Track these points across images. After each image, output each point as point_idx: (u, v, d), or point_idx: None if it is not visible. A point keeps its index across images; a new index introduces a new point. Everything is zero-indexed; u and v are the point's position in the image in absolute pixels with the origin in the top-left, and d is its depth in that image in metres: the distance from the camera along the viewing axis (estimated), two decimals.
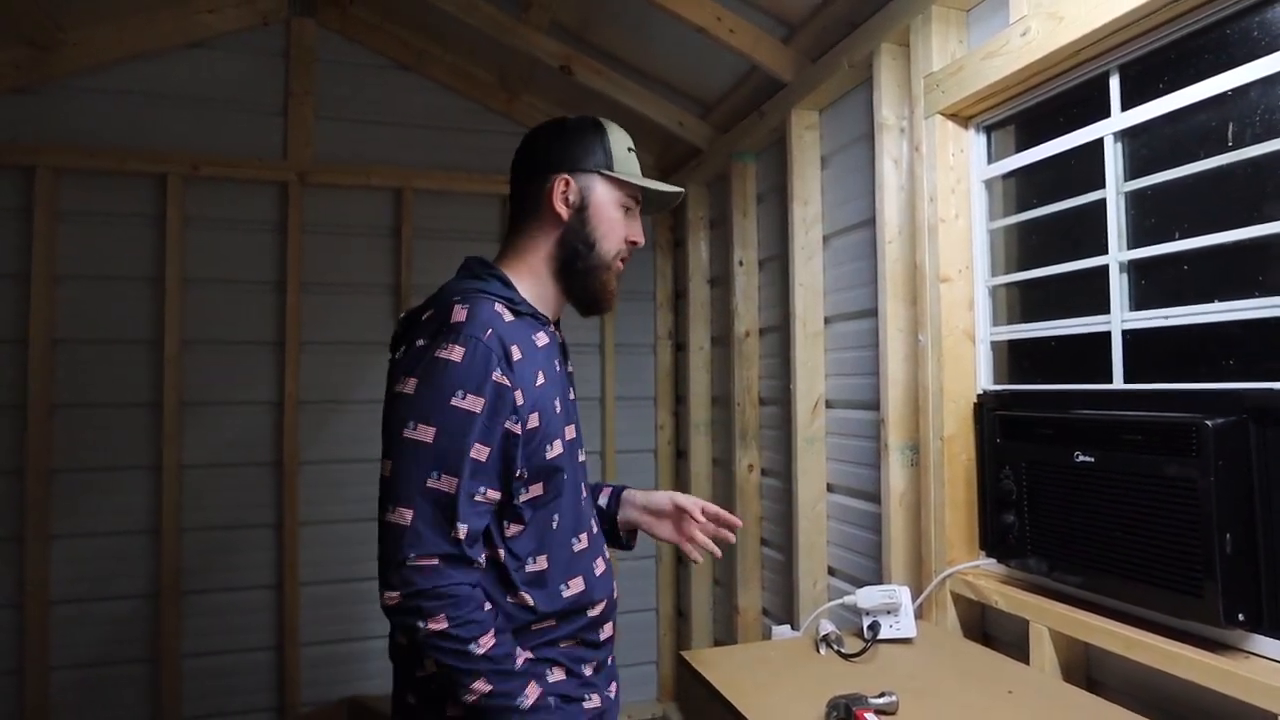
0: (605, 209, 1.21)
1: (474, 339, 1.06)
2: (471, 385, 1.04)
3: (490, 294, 1.14)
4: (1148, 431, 1.27)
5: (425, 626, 1.01)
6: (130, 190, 2.84)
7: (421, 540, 1.02)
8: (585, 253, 1.21)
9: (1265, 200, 1.20)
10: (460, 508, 1.03)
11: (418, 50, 3.17)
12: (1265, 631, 1.16)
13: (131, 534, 2.81)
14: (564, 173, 1.19)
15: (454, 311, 1.09)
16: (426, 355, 1.06)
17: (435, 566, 1.02)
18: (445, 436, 1.04)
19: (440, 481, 1.03)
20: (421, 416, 1.04)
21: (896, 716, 1.20)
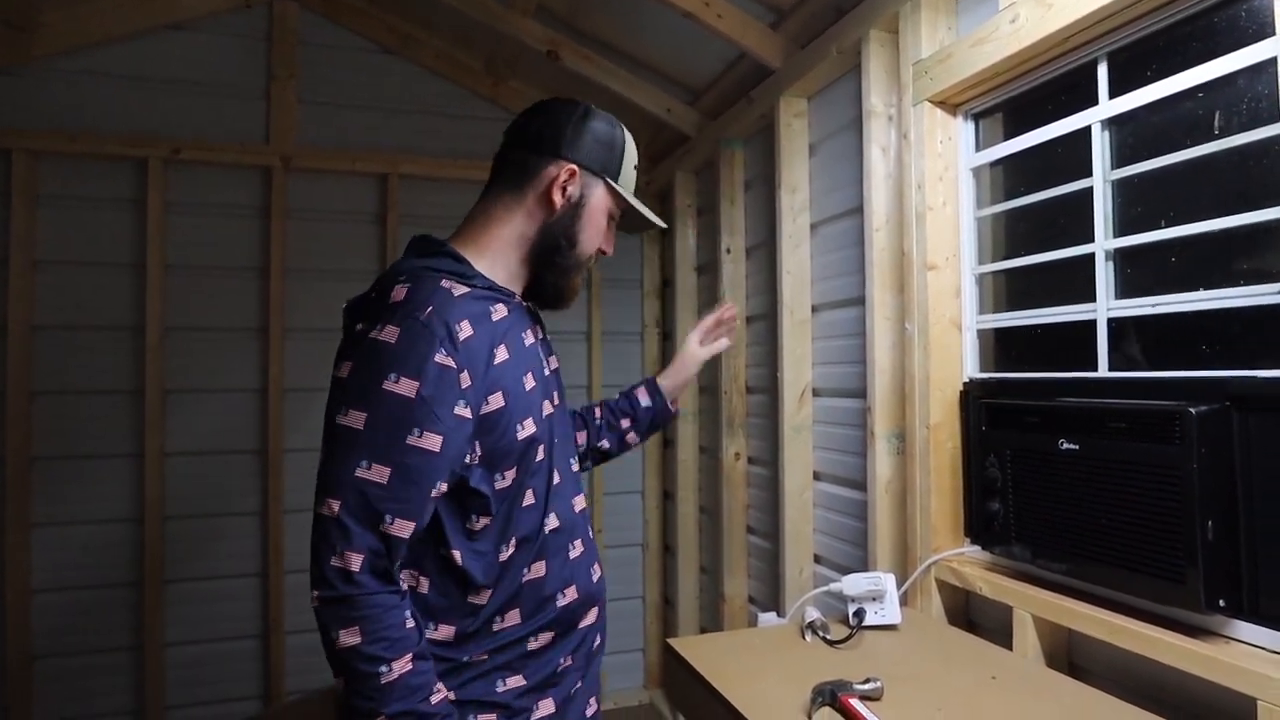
0: (596, 214, 1.19)
1: (411, 318, 0.99)
2: (408, 368, 0.97)
3: (437, 270, 1.08)
4: (1132, 419, 1.28)
5: (338, 640, 0.94)
6: (110, 174, 2.80)
7: (348, 535, 0.94)
8: (565, 248, 1.17)
9: (1250, 188, 1.20)
10: (391, 501, 0.95)
11: (403, 34, 3.13)
12: (1246, 617, 1.17)
13: (113, 522, 2.78)
14: (574, 163, 1.15)
15: (393, 292, 1.03)
16: (362, 339, 1.01)
17: (359, 568, 0.94)
18: (377, 422, 0.96)
19: (370, 471, 0.95)
20: (353, 401, 0.98)
21: (881, 702, 1.20)
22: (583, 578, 1.19)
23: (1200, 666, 1.16)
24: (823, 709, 1.19)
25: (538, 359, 1.18)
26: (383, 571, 0.96)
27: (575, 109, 1.19)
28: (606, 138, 1.19)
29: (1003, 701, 1.23)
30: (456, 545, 1.06)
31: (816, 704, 1.19)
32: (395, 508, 0.96)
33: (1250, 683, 1.09)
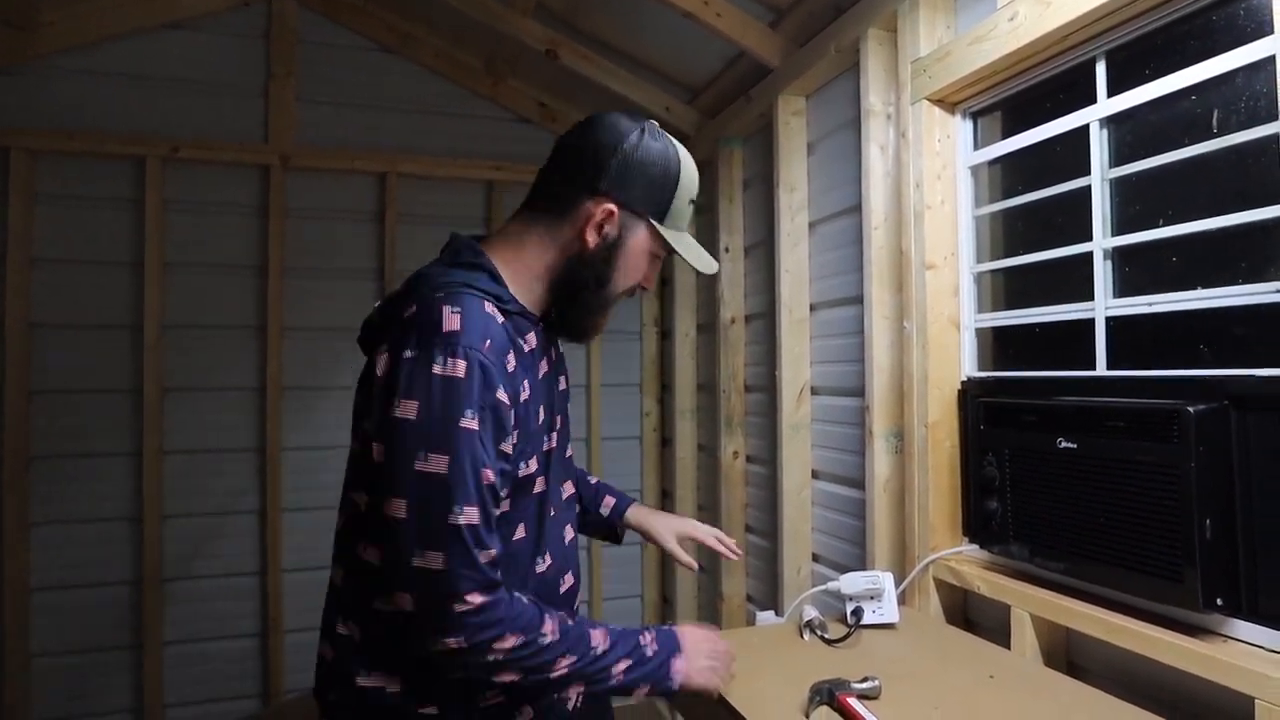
0: (634, 254, 1.10)
1: (474, 351, 0.95)
2: (475, 405, 0.94)
3: (478, 290, 1.02)
4: (1130, 418, 1.27)
5: (498, 654, 0.97)
6: (108, 173, 2.79)
7: (462, 581, 0.93)
8: (592, 288, 1.09)
9: (1248, 187, 1.20)
10: (484, 535, 0.95)
11: (402, 33, 3.13)
12: (1243, 616, 1.17)
13: (112, 521, 2.78)
14: (612, 201, 1.06)
15: (445, 317, 0.96)
16: (423, 372, 0.94)
17: (483, 604, 0.94)
18: (460, 463, 0.93)
19: (463, 515, 0.93)
20: (432, 445, 0.92)
21: (878, 701, 1.20)
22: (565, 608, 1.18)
23: (1198, 665, 1.16)
24: (820, 708, 1.19)
25: (548, 390, 1.15)
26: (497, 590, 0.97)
27: (626, 135, 1.07)
28: (658, 174, 1.08)
29: (1000, 700, 1.23)
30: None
31: (814, 703, 1.19)
32: (490, 541, 0.97)
33: (1248, 681, 1.09)
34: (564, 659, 1.01)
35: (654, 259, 1.14)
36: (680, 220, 1.12)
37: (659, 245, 1.11)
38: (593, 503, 1.48)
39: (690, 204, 1.13)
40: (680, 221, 1.13)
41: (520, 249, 1.09)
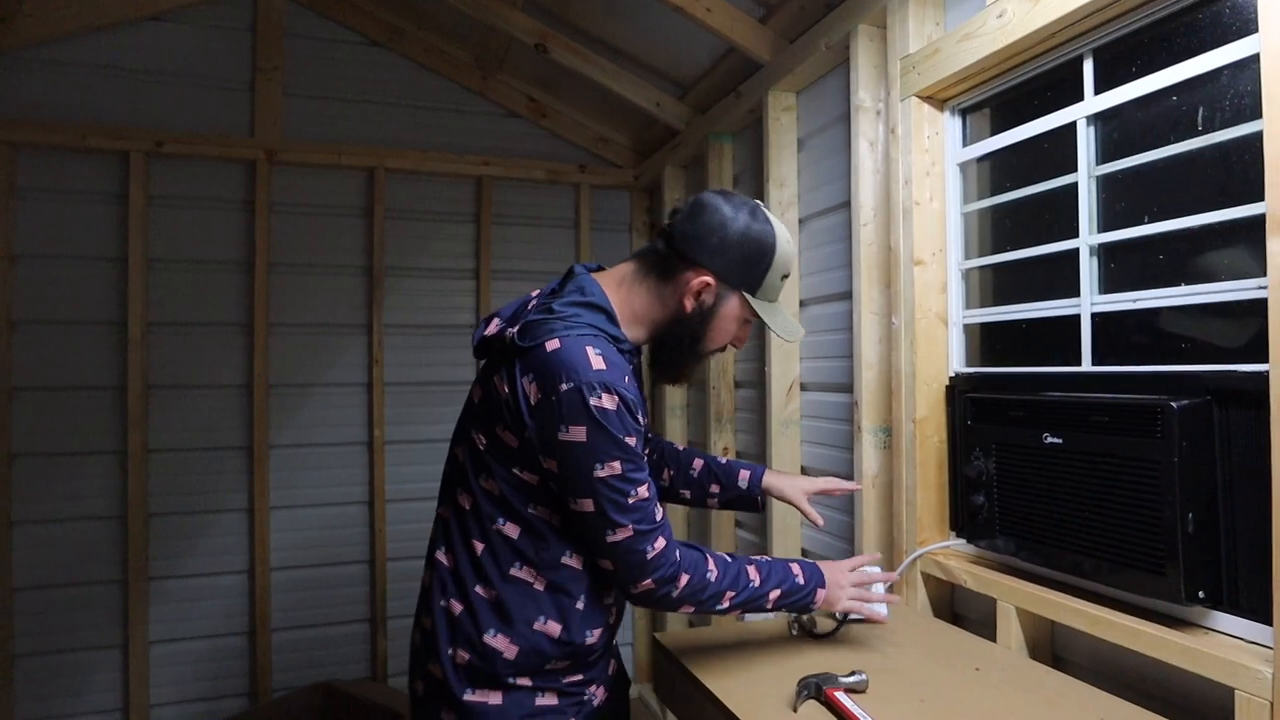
0: (727, 321, 1.27)
1: (620, 388, 1.15)
2: (630, 429, 1.16)
3: (606, 334, 1.21)
4: (1115, 413, 1.29)
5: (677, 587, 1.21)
6: (91, 167, 2.77)
7: (646, 538, 1.17)
8: (688, 344, 1.28)
9: (1233, 184, 1.21)
10: (652, 504, 1.19)
11: (390, 27, 3.11)
12: (1224, 609, 1.19)
13: (96, 519, 2.76)
14: (710, 274, 1.22)
15: (591, 359, 1.15)
16: (583, 406, 1.13)
17: (661, 550, 1.18)
18: (626, 464, 1.16)
19: (635, 495, 1.17)
20: (606, 456, 1.14)
21: (865, 695, 1.21)
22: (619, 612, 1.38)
23: (1179, 657, 1.17)
24: (808, 702, 1.19)
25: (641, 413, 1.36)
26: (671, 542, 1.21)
27: (731, 215, 1.23)
28: (755, 253, 1.24)
29: (986, 693, 1.24)
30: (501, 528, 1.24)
31: (802, 697, 1.19)
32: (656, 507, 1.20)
33: (1228, 672, 1.10)
34: (728, 593, 1.24)
35: (745, 323, 1.31)
36: (772, 293, 1.28)
37: (749, 313, 1.28)
38: (729, 478, 1.57)
39: (783, 279, 1.29)
40: (772, 294, 1.29)
41: (630, 296, 1.28)
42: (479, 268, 3.24)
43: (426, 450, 3.16)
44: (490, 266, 3.24)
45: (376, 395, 3.07)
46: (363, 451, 3.08)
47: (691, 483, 1.58)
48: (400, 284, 3.14)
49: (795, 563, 1.35)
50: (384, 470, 3.08)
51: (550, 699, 1.24)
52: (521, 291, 3.25)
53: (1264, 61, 1.07)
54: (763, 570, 1.30)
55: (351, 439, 3.07)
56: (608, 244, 3.42)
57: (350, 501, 3.07)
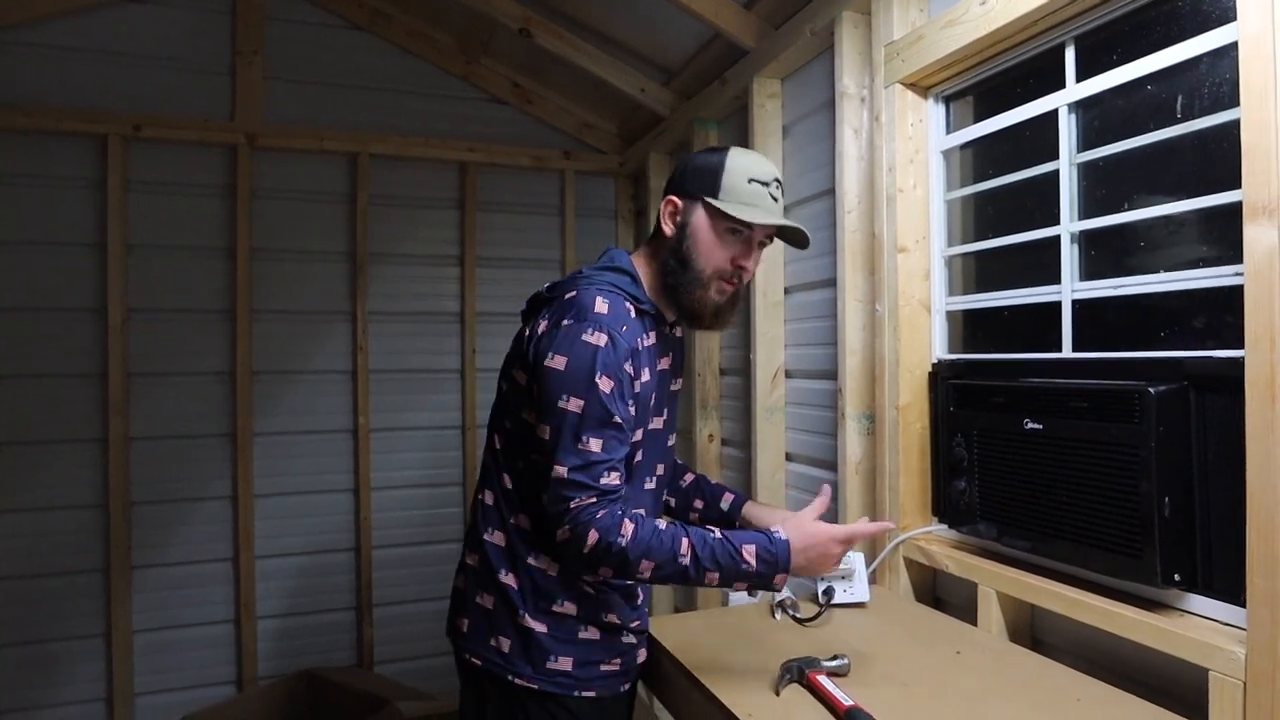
0: (703, 232, 1.32)
1: (614, 331, 1.24)
2: (609, 370, 1.22)
3: (622, 290, 1.31)
4: (1093, 399, 1.30)
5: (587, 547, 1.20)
6: (68, 152, 2.72)
7: (578, 486, 1.21)
8: (678, 269, 1.34)
9: (1212, 172, 1.22)
10: (601, 460, 1.22)
11: (373, 10, 3.07)
12: (1199, 591, 1.21)
13: (77, 508, 2.73)
14: (674, 195, 1.35)
15: (596, 303, 1.26)
16: (575, 338, 1.23)
17: (584, 505, 1.20)
18: (590, 408, 1.22)
19: (587, 444, 1.22)
20: (572, 391, 1.22)
21: (847, 678, 1.22)
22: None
23: (1155, 638, 1.19)
24: (791, 686, 1.21)
25: (662, 383, 1.40)
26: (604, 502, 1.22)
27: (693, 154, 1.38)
28: (706, 164, 1.34)
29: (966, 676, 1.25)
30: None
31: (785, 681, 1.20)
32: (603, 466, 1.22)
33: (1202, 653, 1.12)
34: (645, 561, 1.20)
35: (731, 235, 1.33)
36: (742, 196, 1.31)
37: (720, 219, 1.32)
38: (713, 498, 1.61)
39: (752, 183, 1.31)
40: (742, 198, 1.31)
41: (645, 259, 1.39)
42: (464, 255, 3.22)
43: (412, 438, 3.15)
44: (475, 253, 3.23)
45: (361, 382, 3.06)
46: (348, 439, 3.07)
47: (678, 492, 1.62)
48: (384, 271, 3.12)
49: (753, 544, 1.22)
50: (369, 458, 3.07)
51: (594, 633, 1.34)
52: (506, 279, 3.26)
53: (1242, 50, 1.08)
54: (704, 549, 1.21)
55: (336, 426, 3.06)
56: (593, 231, 3.41)
57: (335, 489, 3.06)
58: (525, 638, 1.32)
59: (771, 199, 1.33)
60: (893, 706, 1.12)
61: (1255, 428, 1.05)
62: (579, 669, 1.32)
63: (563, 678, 1.32)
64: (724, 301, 1.37)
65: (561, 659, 1.32)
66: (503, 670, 1.33)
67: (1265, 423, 1.04)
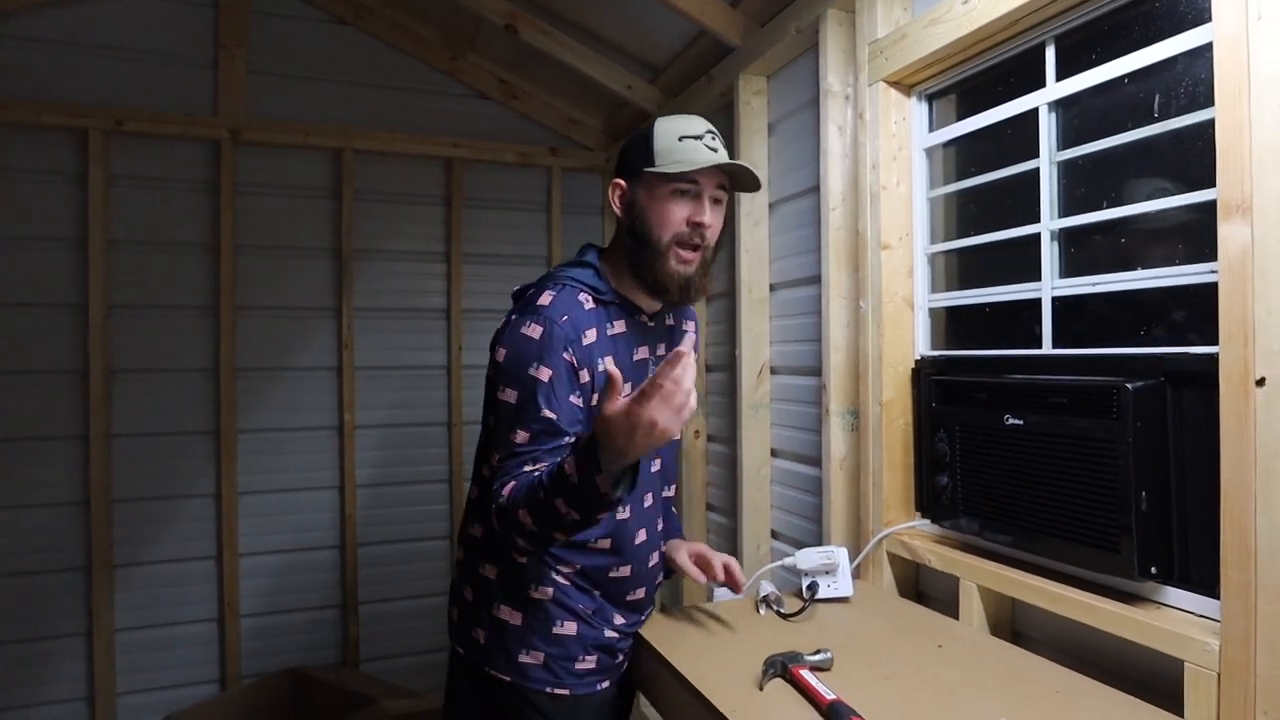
0: (651, 202, 1.31)
1: (551, 321, 1.25)
2: (546, 359, 1.23)
3: (580, 282, 1.32)
4: (1072, 394, 1.32)
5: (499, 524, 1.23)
6: (47, 146, 2.69)
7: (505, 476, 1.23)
8: (637, 246, 1.32)
9: (1188, 171, 1.23)
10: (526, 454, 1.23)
11: (358, 5, 3.04)
12: (1175, 584, 1.23)
13: (58, 506, 2.70)
14: (617, 178, 1.35)
15: (543, 296, 1.29)
16: (515, 330, 1.26)
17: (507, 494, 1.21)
18: (522, 399, 1.24)
19: (517, 435, 1.24)
20: (508, 382, 1.25)
21: (830, 672, 1.23)
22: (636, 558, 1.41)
23: (1132, 631, 1.21)
24: (774, 680, 1.21)
25: (641, 373, 1.37)
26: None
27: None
28: (636, 140, 1.34)
29: (947, 669, 1.27)
30: None
31: (768, 675, 1.21)
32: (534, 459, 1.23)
33: (1177, 645, 1.14)
34: (521, 511, 1.18)
35: (679, 196, 1.30)
36: (676, 155, 1.28)
37: (663, 183, 1.29)
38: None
39: (684, 139, 1.30)
40: (678, 154, 1.28)
41: (612, 251, 1.40)
42: (450, 251, 3.21)
43: (398, 435, 3.14)
44: (462, 250, 3.21)
45: (346, 379, 3.04)
46: (333, 436, 3.05)
47: None
48: (370, 267, 3.10)
49: (571, 456, 1.12)
50: (354, 455, 3.06)
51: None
52: (493, 275, 3.25)
53: (1216, 51, 1.09)
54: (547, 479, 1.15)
55: (321, 423, 3.04)
56: (580, 227, 3.41)
57: (320, 486, 3.04)
58: (499, 629, 1.34)
59: (708, 149, 1.30)
60: (875, 700, 1.13)
61: (1229, 422, 1.07)
62: (551, 664, 1.33)
63: (535, 672, 1.33)
64: (691, 272, 1.32)
65: (533, 652, 1.33)
66: (478, 661, 1.36)
67: (1239, 417, 1.06)
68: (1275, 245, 1.02)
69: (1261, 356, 1.03)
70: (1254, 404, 1.04)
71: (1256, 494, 1.04)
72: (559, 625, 1.34)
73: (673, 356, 1.02)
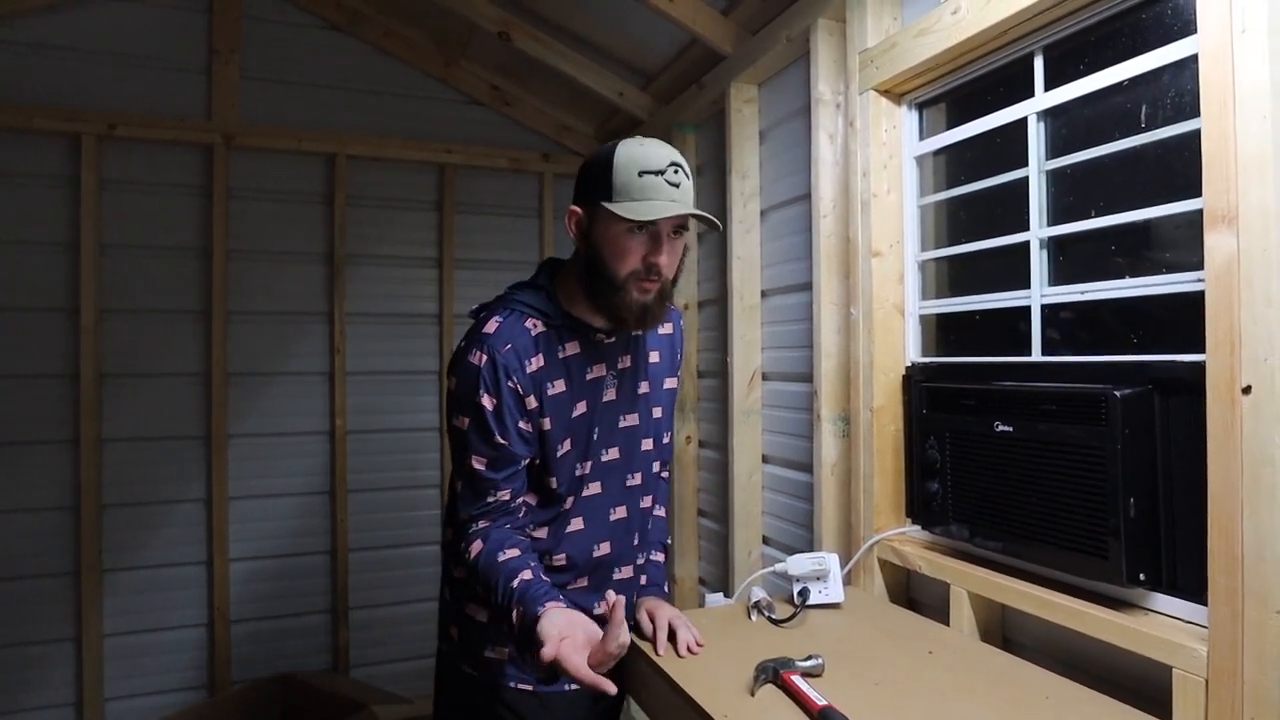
0: (609, 238, 1.25)
1: (495, 350, 1.26)
2: (489, 388, 1.26)
3: (529, 306, 1.31)
4: (1061, 401, 1.32)
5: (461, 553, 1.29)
6: (40, 150, 2.68)
7: (466, 503, 1.30)
8: (593, 278, 1.28)
9: (1174, 180, 1.25)
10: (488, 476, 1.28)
11: (351, 11, 3.05)
12: (1163, 590, 1.23)
13: (47, 511, 2.69)
14: (574, 203, 1.30)
15: (489, 324, 1.29)
16: (462, 359, 1.29)
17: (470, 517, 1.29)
18: (474, 426, 1.27)
19: (474, 461, 1.28)
20: (459, 410, 1.29)
21: (821, 678, 1.23)
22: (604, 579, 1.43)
23: (1121, 637, 1.21)
24: (766, 686, 1.21)
25: (595, 390, 1.36)
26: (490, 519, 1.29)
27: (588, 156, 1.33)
28: (596, 168, 1.26)
29: (937, 675, 1.27)
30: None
31: (759, 681, 1.21)
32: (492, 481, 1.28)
33: (1166, 651, 1.15)
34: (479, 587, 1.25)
35: (636, 233, 1.24)
36: (634, 192, 1.21)
37: (618, 221, 1.22)
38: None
39: (644, 175, 1.22)
40: (635, 193, 1.21)
41: (568, 272, 1.35)
42: (442, 256, 3.21)
43: (389, 440, 3.13)
44: (454, 255, 3.22)
45: (338, 384, 3.04)
46: (324, 441, 3.05)
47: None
48: (362, 272, 3.10)
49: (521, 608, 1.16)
50: (345, 460, 3.05)
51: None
52: (485, 281, 3.25)
53: (1202, 62, 1.11)
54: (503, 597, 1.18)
55: (313, 428, 3.04)
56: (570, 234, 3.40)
57: (311, 492, 3.03)
58: (467, 626, 1.38)
59: (669, 185, 1.22)
60: (866, 706, 1.13)
61: (1216, 430, 1.08)
62: (515, 660, 1.35)
63: (499, 666, 1.35)
64: (649, 301, 1.27)
65: (498, 648, 1.35)
66: (452, 658, 1.41)
67: (1225, 425, 1.07)
68: (1260, 255, 1.03)
69: (1247, 364, 1.04)
70: (1240, 411, 1.05)
71: (1243, 501, 1.04)
72: None
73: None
